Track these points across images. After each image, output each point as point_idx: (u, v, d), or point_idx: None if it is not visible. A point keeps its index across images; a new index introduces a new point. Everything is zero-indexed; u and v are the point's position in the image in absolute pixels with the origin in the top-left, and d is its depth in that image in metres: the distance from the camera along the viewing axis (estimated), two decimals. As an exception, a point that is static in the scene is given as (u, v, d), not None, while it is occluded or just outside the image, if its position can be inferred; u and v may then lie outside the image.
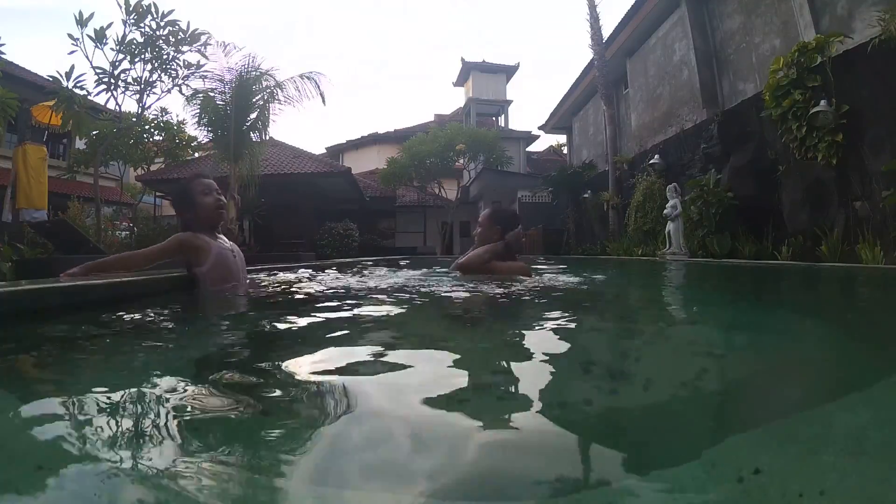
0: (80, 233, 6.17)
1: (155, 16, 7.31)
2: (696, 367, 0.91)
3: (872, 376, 0.84)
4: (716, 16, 8.11)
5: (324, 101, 9.00)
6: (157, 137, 12.64)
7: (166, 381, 0.76)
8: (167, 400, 0.66)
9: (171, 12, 7.42)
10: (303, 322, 1.38)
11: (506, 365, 0.94)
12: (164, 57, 7.71)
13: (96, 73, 7.43)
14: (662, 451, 0.55)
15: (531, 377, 0.85)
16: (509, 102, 23.36)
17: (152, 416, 0.61)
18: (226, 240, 2.08)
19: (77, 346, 1.04)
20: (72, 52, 7.14)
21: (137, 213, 13.20)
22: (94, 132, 9.77)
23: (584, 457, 0.55)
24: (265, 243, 12.75)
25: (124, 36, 7.29)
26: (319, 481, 0.46)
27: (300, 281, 2.49)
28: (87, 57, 7.22)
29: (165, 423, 0.58)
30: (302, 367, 0.87)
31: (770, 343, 1.16)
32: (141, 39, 7.40)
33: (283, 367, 0.87)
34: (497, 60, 23.17)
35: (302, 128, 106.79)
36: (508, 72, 23.33)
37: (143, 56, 7.53)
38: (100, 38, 7.12)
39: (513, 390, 0.79)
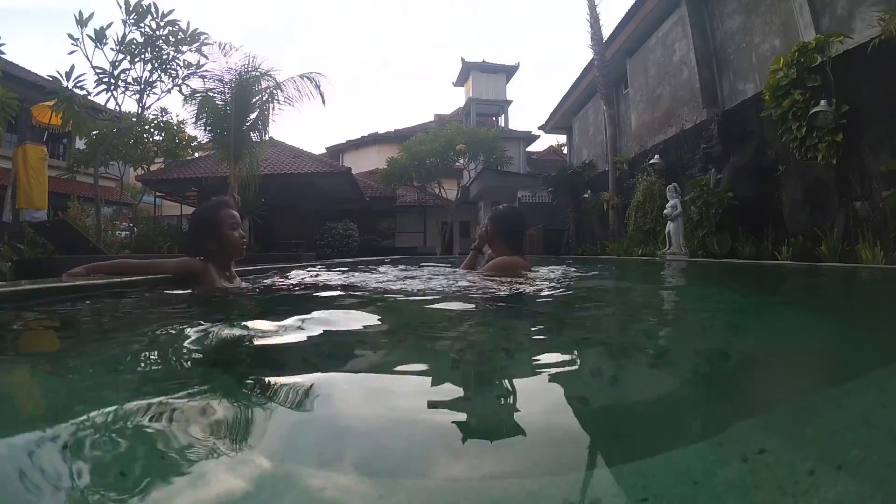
0: (80, 233, 6.17)
1: (155, 16, 7.31)
2: (700, 356, 0.92)
3: (875, 365, 0.85)
4: (716, 16, 8.11)
5: (324, 101, 9.00)
6: (157, 137, 12.64)
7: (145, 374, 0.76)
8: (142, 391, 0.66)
9: (171, 12, 7.43)
10: (303, 317, 1.38)
11: (514, 350, 0.95)
12: (164, 57, 7.71)
13: (96, 73, 7.43)
14: (669, 434, 0.57)
15: (539, 362, 0.86)
16: (509, 102, 23.37)
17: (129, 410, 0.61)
18: (233, 276, 2.08)
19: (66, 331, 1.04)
20: (72, 52, 7.15)
21: (137, 213, 13.20)
22: (94, 132, 9.77)
23: (591, 438, 0.57)
24: (265, 243, 12.75)
25: (124, 36, 7.29)
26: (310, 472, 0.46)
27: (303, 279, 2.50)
28: (87, 57, 7.23)
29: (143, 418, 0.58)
30: (294, 360, 0.88)
31: (773, 334, 1.17)
32: (141, 39, 7.40)
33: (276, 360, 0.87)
34: (497, 60, 23.20)
35: (302, 128, 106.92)
36: (508, 72, 23.33)
37: (143, 56, 7.53)
38: (100, 38, 7.12)
39: (519, 374, 0.81)
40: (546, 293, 1.94)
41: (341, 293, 2.03)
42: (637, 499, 0.40)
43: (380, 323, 1.37)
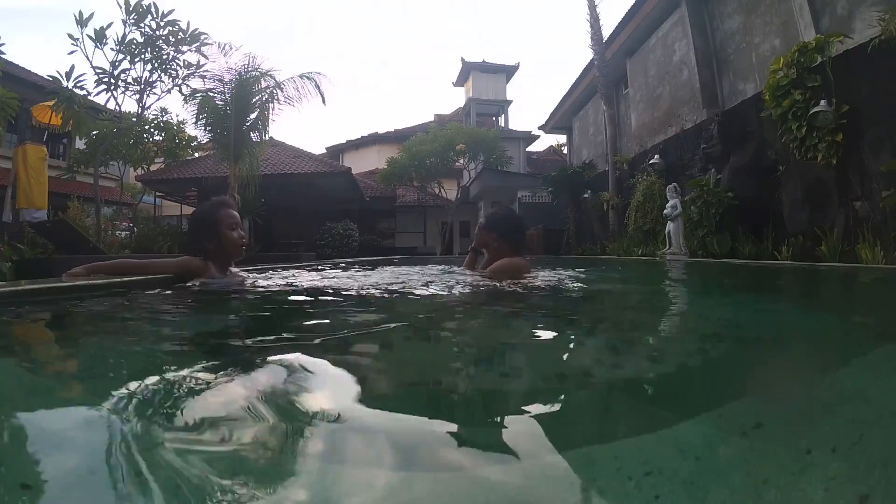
0: (80, 233, 6.17)
1: (155, 16, 7.31)
2: (699, 344, 0.94)
3: (870, 353, 0.86)
4: (716, 16, 8.11)
5: (324, 100, 9.00)
6: (157, 137, 12.65)
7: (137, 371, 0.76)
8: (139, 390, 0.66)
9: (171, 12, 7.43)
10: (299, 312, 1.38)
11: (521, 341, 0.95)
12: (164, 57, 7.71)
13: (96, 73, 7.43)
14: (669, 410, 0.59)
15: (540, 360, 0.87)
16: (509, 102, 23.37)
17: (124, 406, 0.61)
18: (234, 272, 2.10)
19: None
20: (72, 52, 7.14)
21: (137, 213, 13.21)
22: (94, 132, 9.77)
23: (595, 415, 0.59)
24: (265, 243, 12.75)
25: (124, 36, 7.29)
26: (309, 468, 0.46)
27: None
28: (87, 57, 7.23)
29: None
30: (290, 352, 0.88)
31: (771, 328, 1.17)
32: (141, 39, 7.39)
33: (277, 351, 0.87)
34: (497, 60, 23.21)
35: (302, 128, 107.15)
36: (508, 72, 23.33)
37: (143, 56, 7.53)
38: (100, 38, 7.12)
39: (521, 370, 0.82)
40: (549, 294, 1.94)
41: (342, 293, 2.03)
42: (641, 473, 0.41)
43: (380, 323, 1.37)
